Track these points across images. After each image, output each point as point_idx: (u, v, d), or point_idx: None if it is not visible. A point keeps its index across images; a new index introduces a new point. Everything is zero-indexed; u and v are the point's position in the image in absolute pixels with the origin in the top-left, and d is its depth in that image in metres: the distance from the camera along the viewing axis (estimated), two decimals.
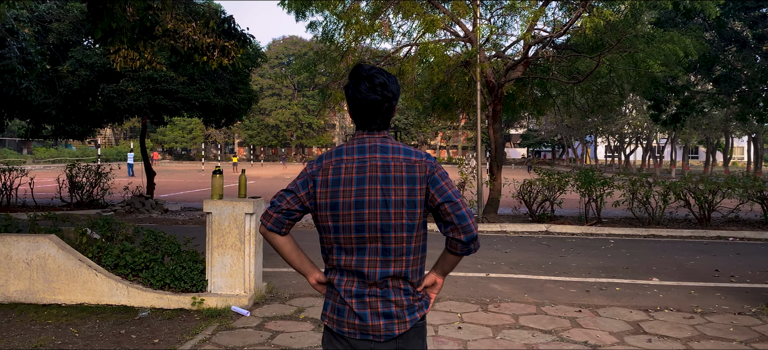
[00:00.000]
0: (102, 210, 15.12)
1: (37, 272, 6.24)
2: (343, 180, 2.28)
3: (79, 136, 20.35)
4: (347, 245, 2.29)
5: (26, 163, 52.54)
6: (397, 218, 2.25)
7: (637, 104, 42.63)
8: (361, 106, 2.32)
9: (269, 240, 2.42)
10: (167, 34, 6.96)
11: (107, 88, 14.29)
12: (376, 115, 2.31)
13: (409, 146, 2.36)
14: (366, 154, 2.29)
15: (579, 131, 55.14)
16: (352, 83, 2.32)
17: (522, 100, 17.46)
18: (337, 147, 2.37)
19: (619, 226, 13.03)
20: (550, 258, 9.44)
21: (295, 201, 2.35)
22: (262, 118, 76.17)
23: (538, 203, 13.91)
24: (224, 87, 16.05)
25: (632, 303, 6.69)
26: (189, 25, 7.16)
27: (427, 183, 2.28)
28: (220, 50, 7.59)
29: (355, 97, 2.31)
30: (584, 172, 14.01)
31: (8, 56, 10.39)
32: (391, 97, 2.30)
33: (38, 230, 6.73)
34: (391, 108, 2.34)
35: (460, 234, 2.24)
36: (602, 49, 13.62)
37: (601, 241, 11.43)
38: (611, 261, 9.27)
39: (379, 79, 2.28)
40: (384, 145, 2.31)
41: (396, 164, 2.27)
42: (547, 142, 75.19)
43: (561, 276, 8.08)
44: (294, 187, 2.37)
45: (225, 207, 6.25)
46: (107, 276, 6.21)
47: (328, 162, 2.34)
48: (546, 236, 12.13)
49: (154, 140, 77.18)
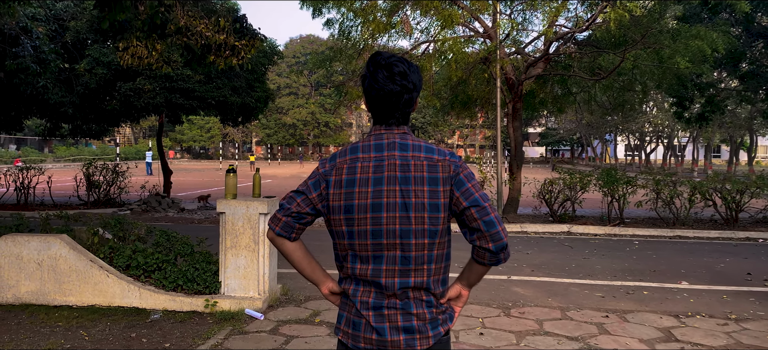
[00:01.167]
0: (118, 208, 15.09)
1: (48, 273, 6.12)
2: (358, 181, 2.07)
3: (96, 135, 20.41)
4: (363, 252, 2.08)
5: (47, 161, 53.18)
6: (417, 222, 2.03)
7: (658, 102, 41.89)
8: (378, 98, 2.11)
9: (278, 246, 2.22)
10: (180, 31, 6.80)
11: (124, 87, 14.24)
12: (395, 108, 2.10)
13: (431, 143, 2.15)
14: (384, 152, 2.08)
15: (598, 129, 54.41)
16: (369, 72, 2.10)
17: (542, 98, 17.15)
18: (352, 144, 2.16)
19: (643, 227, 12.67)
20: (573, 259, 9.15)
21: (306, 203, 2.15)
22: (279, 117, 76.30)
23: (559, 203, 13.59)
24: (241, 85, 15.93)
25: (662, 308, 6.40)
26: (201, 22, 6.99)
27: (452, 185, 2.06)
28: (231, 50, 7.42)
29: (372, 86, 2.10)
30: (607, 171, 13.66)
31: (22, 54, 10.33)
32: (411, 88, 2.08)
33: (50, 230, 6.62)
34: (412, 100, 2.12)
35: (488, 243, 2.02)
36: (626, 44, 13.26)
37: (625, 242, 11.10)
38: (637, 263, 8.95)
39: (399, 67, 2.06)
40: (403, 142, 2.10)
41: (416, 163, 2.06)
42: (565, 140, 74.39)
43: (586, 279, 7.80)
44: (305, 188, 2.17)
45: (239, 207, 6.07)
46: (119, 278, 6.07)
47: (343, 160, 2.13)
48: (568, 237, 11.82)
49: (172, 139, 77.67)
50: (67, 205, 15.65)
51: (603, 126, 51.80)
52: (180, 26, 6.75)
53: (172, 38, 6.93)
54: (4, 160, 46.18)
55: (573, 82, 16.43)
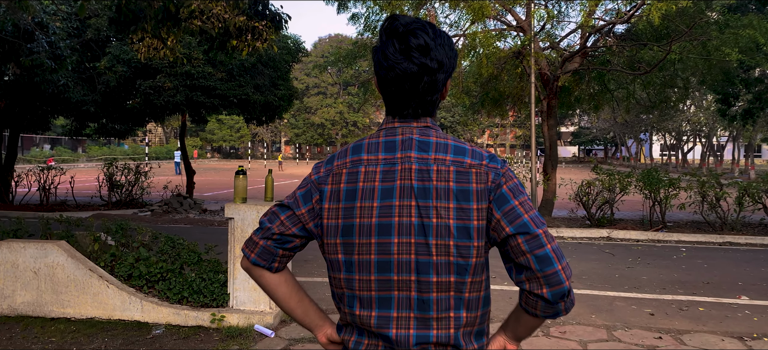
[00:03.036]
0: (139, 209, 14.78)
1: (46, 282, 5.67)
2: (360, 192, 1.48)
3: (122, 134, 20.24)
4: (365, 291, 1.50)
5: (79, 160, 53.89)
6: (440, 252, 1.44)
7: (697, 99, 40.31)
8: (388, 80, 1.51)
9: (255, 279, 1.64)
10: (193, 15, 6.29)
11: (144, 84, 13.90)
12: (412, 95, 1.49)
13: (463, 141, 1.54)
14: (396, 153, 1.49)
15: (633, 128, 52.81)
16: (380, 43, 1.50)
17: (578, 95, 16.31)
18: (355, 142, 1.56)
19: (688, 232, 11.80)
20: (616, 269, 8.40)
21: (293, 221, 1.57)
22: (307, 117, 76.25)
23: (597, 206, 12.80)
24: (264, 83, 15.49)
25: (722, 328, 5.66)
26: (218, 3, 6.47)
27: (491, 201, 1.46)
28: (252, 33, 6.88)
29: (380, 64, 1.50)
30: (648, 172, 12.81)
31: (36, 50, 10.00)
32: (434, 68, 1.47)
33: (50, 235, 6.18)
34: (436, 84, 1.50)
35: (541, 288, 1.42)
36: (669, 37, 12.40)
37: (671, 249, 10.28)
38: (687, 273, 8.16)
39: (419, 39, 1.45)
40: (424, 139, 1.50)
41: (440, 168, 1.46)
42: (599, 139, 72.59)
43: (631, 291, 7.07)
44: (292, 201, 1.59)
45: (248, 212, 5.54)
46: (119, 288, 5.58)
47: (342, 164, 1.54)
48: (608, 243, 11.04)
49: (202, 138, 78.24)
50: (89, 206, 15.42)
51: (638, 124, 50.24)
52: (193, 9, 6.24)
53: (186, 23, 6.42)
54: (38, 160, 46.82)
55: (610, 77, 15.57)
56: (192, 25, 6.37)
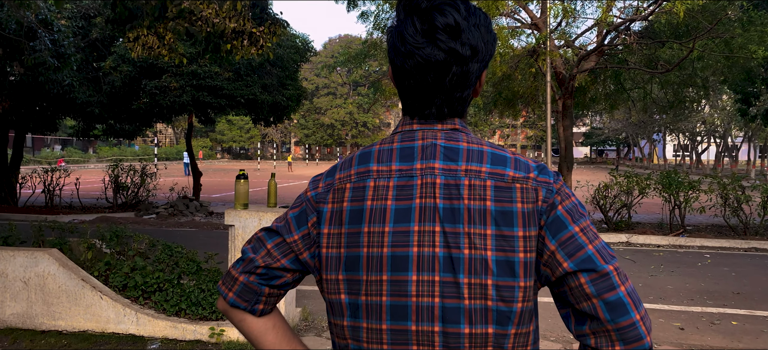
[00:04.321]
0: (145, 212, 14.51)
1: (36, 292, 5.35)
2: (368, 213, 1.13)
3: (129, 135, 19.99)
4: (375, 344, 1.14)
5: (90, 161, 53.95)
6: (475, 296, 1.08)
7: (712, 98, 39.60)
8: (404, 70, 1.15)
9: (236, 324, 1.28)
10: (182, 15, 5.97)
11: (149, 85, 13.62)
12: (435, 90, 1.13)
13: (502, 147, 1.17)
14: (415, 162, 1.13)
15: (646, 129, 52.07)
16: (397, 22, 1.14)
17: (593, 94, 15.88)
18: (363, 149, 1.19)
19: (710, 237, 11.34)
20: (639, 277, 7.98)
21: (283, 250, 1.22)
22: (317, 117, 76.11)
23: (615, 209, 12.37)
24: (272, 83, 15.17)
25: (759, 344, 5.25)
26: (210, 6, 6.14)
27: (542, 226, 1.09)
28: (248, 38, 6.55)
29: (396, 49, 1.13)
30: (667, 174, 12.35)
31: (39, 49, 9.72)
32: (467, 55, 1.10)
33: (43, 242, 5.86)
34: (467, 76, 1.13)
35: (613, 344, 1.06)
36: (689, 34, 11.95)
37: (694, 256, 9.83)
38: (715, 282, 7.73)
39: (448, 16, 1.08)
40: (452, 145, 1.14)
41: (474, 182, 1.09)
42: (611, 140, 71.81)
43: (657, 303, 6.66)
44: (282, 224, 1.23)
45: (250, 219, 5.19)
46: (114, 300, 5.26)
47: (345, 176, 1.18)
48: (628, 248, 10.61)
49: (212, 139, 78.29)
50: (95, 208, 15.18)
51: (651, 125, 49.51)
52: (183, 9, 5.91)
53: (173, 23, 6.09)
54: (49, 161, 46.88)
55: (627, 77, 15.14)
56: (179, 26, 6.04)
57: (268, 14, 7.00)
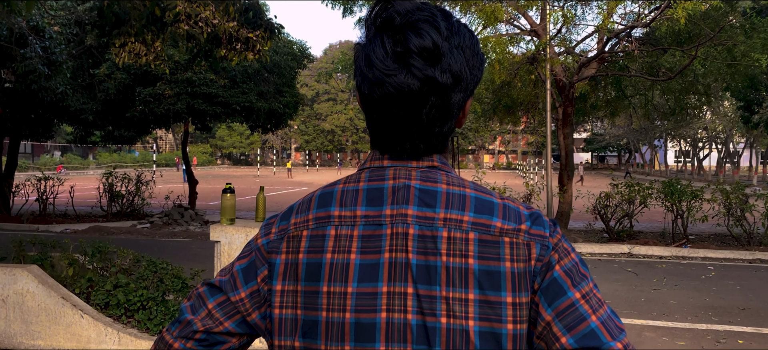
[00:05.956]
0: (139, 221, 14.31)
1: (15, 311, 5.15)
2: (328, 269, 0.93)
3: (127, 141, 19.84)
4: None
5: (89, 167, 53.82)
6: None
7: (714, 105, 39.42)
8: (371, 100, 0.95)
9: None
10: (179, 19, 5.79)
11: (144, 92, 13.45)
12: (408, 125, 0.94)
13: (489, 190, 0.97)
14: (384, 207, 0.94)
15: (647, 135, 51.89)
16: (367, 40, 0.94)
17: (594, 101, 15.70)
18: (323, 188, 0.99)
19: (713, 247, 11.13)
20: (641, 291, 7.76)
21: (227, 310, 1.02)
22: (317, 123, 76.06)
23: (616, 218, 12.16)
24: (268, 90, 15.01)
25: None
26: (207, 8, 5.97)
27: (536, 291, 0.92)
28: (244, 43, 6.37)
29: (362, 74, 0.93)
30: (669, 183, 12.14)
31: (29, 56, 9.55)
32: (448, 83, 0.91)
33: (23, 258, 5.66)
34: (447, 108, 0.94)
35: None
36: (691, 41, 11.77)
37: (698, 268, 9.60)
38: (719, 297, 7.51)
39: (425, 36, 0.88)
40: (428, 188, 0.95)
41: (455, 235, 0.91)
42: (612, 146, 71.63)
43: (661, 319, 6.44)
44: (226, 278, 1.03)
45: (236, 236, 4.98)
46: (95, 319, 5.05)
47: (302, 221, 0.98)
48: (629, 259, 10.38)
49: (213, 145, 78.20)
50: (89, 216, 14.99)
51: (653, 131, 49.33)
52: (179, 12, 5.73)
53: (172, 27, 5.91)
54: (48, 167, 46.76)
55: (628, 83, 14.95)
56: (179, 29, 5.86)
57: (263, 19, 6.82)
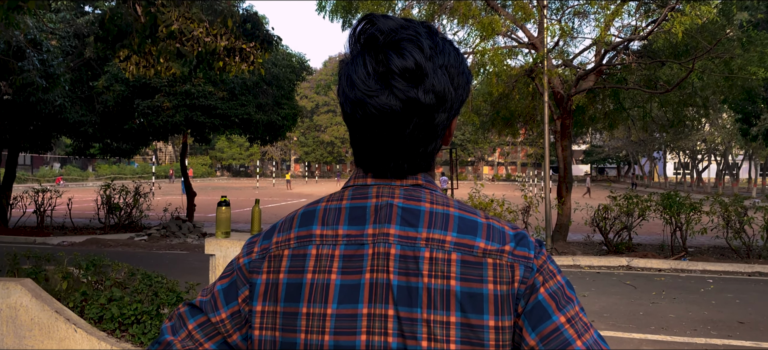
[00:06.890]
0: (137, 233, 14.27)
1: (7, 325, 5.10)
2: (308, 289, 0.92)
3: (126, 154, 19.81)
4: None
5: (89, 179, 53.80)
6: None
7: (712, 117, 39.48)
8: (354, 119, 0.94)
9: None
10: (172, 36, 5.80)
11: (142, 104, 13.45)
12: (391, 146, 0.92)
13: (473, 209, 0.94)
14: (367, 227, 0.92)
15: (646, 147, 51.95)
16: (350, 58, 0.93)
17: (592, 114, 15.70)
18: (306, 206, 0.97)
19: (712, 260, 11.09)
20: (640, 305, 7.72)
21: (207, 331, 1.00)
22: (317, 135, 76.17)
23: (615, 231, 12.13)
24: (267, 102, 15.01)
25: None
26: (201, 25, 5.97)
27: (519, 314, 0.90)
28: (239, 54, 6.38)
29: (344, 94, 0.92)
30: (668, 195, 12.12)
31: (27, 69, 9.56)
32: (431, 103, 0.90)
33: (17, 272, 5.63)
34: (431, 129, 0.93)
35: None
36: (688, 54, 11.80)
37: (697, 281, 9.56)
38: (718, 310, 7.47)
39: (407, 57, 0.87)
40: (411, 207, 0.93)
41: (437, 255, 0.89)
42: (611, 158, 71.68)
43: (660, 333, 6.39)
44: (207, 298, 1.01)
45: (231, 249, 4.96)
46: (89, 333, 5.01)
47: (283, 241, 0.96)
48: (628, 272, 10.35)
49: (212, 157, 78.24)
50: (87, 229, 14.95)
51: (652, 143, 49.39)
52: (173, 30, 5.74)
53: (164, 43, 5.92)
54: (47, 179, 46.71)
55: (626, 96, 14.97)
56: (170, 46, 5.87)
57: (260, 31, 6.83)
